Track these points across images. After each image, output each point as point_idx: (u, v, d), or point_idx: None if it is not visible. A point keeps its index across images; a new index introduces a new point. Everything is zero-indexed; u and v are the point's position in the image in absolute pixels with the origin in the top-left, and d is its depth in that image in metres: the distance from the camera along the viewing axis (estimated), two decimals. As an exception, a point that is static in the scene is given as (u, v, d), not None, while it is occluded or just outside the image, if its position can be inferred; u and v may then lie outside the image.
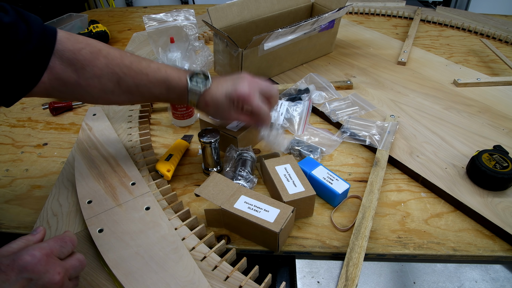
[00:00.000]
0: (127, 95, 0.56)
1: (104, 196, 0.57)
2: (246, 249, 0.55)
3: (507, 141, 0.74)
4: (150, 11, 1.57)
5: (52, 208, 0.58)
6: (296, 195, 0.56)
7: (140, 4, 2.90)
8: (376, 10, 1.46)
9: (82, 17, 1.30)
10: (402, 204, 0.62)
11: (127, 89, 0.55)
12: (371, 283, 0.51)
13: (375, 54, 1.10)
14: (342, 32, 1.22)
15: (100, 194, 0.57)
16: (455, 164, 0.68)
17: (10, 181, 0.68)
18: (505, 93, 0.91)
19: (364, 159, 0.71)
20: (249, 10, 0.93)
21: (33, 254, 0.37)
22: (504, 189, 0.62)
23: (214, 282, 0.46)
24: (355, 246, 0.52)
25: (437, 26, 1.37)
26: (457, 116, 0.82)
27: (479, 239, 0.56)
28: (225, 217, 0.55)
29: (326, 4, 1.04)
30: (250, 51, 0.83)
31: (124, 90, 0.55)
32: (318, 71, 1.00)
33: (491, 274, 0.52)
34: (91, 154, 0.66)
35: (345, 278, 0.48)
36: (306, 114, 0.80)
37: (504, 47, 1.19)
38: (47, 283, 0.36)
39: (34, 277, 0.36)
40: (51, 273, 0.37)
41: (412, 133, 0.76)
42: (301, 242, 0.55)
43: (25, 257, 0.36)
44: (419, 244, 0.55)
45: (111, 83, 0.54)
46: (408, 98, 0.88)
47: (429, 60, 1.07)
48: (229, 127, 0.69)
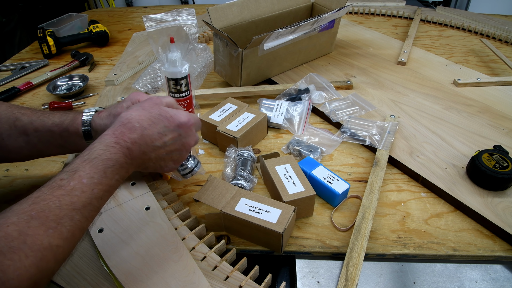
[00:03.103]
0: (23, 137, 0.53)
1: (104, 196, 0.57)
2: (246, 249, 0.55)
3: (507, 141, 0.74)
4: (150, 11, 1.57)
5: (52, 208, 0.58)
6: (296, 195, 0.56)
7: (140, 4, 2.90)
8: (376, 10, 1.46)
9: (82, 17, 1.30)
10: (402, 204, 0.62)
11: (23, 129, 0.53)
12: (371, 283, 0.51)
13: (375, 54, 1.10)
14: (342, 32, 1.22)
15: (100, 194, 0.57)
16: (455, 164, 0.68)
17: (10, 181, 0.67)
18: (505, 93, 0.91)
19: (364, 159, 0.71)
20: (249, 10, 0.93)
21: (188, 118, 0.50)
22: (504, 189, 0.62)
23: (214, 282, 0.46)
24: (355, 246, 0.52)
25: (437, 26, 1.37)
26: (457, 116, 0.82)
27: (479, 239, 0.56)
28: (226, 221, 0.55)
29: (326, 4, 1.04)
30: (250, 51, 0.83)
31: (20, 131, 0.53)
32: (318, 71, 1.00)
33: (491, 274, 0.52)
34: (91, 154, 0.66)
35: (345, 278, 0.48)
36: (306, 114, 0.80)
37: (504, 47, 1.19)
38: (185, 143, 0.51)
39: (183, 134, 0.50)
40: (191, 137, 0.51)
41: (412, 133, 0.76)
42: (301, 242, 0.55)
43: (182, 117, 0.49)
44: (419, 244, 0.55)
45: (7, 125, 0.52)
46: (408, 98, 0.88)
47: (429, 60, 1.07)
48: (229, 127, 0.69)
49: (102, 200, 0.41)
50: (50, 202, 0.37)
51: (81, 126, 0.54)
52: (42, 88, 0.98)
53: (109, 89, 0.95)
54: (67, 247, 0.37)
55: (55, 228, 0.35)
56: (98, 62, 1.13)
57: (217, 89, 0.89)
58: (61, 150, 0.56)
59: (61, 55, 1.18)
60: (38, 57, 1.17)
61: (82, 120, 0.54)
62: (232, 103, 0.77)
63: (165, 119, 0.48)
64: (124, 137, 0.44)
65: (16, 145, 0.53)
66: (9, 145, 0.53)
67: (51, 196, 0.37)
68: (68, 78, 1.00)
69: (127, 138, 0.44)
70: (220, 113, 0.74)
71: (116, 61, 1.09)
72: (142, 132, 0.46)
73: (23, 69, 1.07)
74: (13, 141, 0.53)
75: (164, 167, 0.51)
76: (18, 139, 0.53)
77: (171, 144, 0.49)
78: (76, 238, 0.38)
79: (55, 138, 0.54)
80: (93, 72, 1.08)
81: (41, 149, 0.55)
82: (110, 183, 0.41)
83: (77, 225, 0.37)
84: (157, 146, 0.47)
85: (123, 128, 0.45)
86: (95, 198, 0.39)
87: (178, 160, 0.52)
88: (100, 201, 0.41)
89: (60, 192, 0.37)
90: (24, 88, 0.96)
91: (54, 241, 0.35)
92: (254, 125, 0.71)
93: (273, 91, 0.88)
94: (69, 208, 0.37)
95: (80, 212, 0.38)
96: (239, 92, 0.87)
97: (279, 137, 0.78)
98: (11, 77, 1.03)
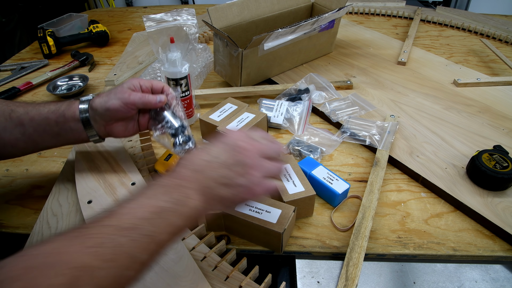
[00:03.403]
0: (19, 128, 0.53)
1: (104, 196, 0.57)
2: (246, 249, 0.55)
3: (507, 141, 0.74)
4: (150, 11, 1.57)
5: (52, 208, 0.58)
6: (296, 195, 0.56)
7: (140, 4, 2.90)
8: (376, 10, 1.46)
9: (82, 17, 1.30)
10: (402, 204, 0.62)
11: (18, 120, 0.53)
12: (371, 283, 0.51)
13: (375, 54, 1.10)
14: (342, 32, 1.22)
15: (100, 194, 0.57)
16: (455, 164, 0.68)
17: (10, 181, 0.67)
18: (505, 93, 0.91)
19: (364, 159, 0.71)
20: (249, 10, 0.93)
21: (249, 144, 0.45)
22: (504, 189, 0.62)
23: (214, 282, 0.46)
24: (355, 246, 0.52)
25: (437, 26, 1.37)
26: (457, 116, 0.82)
27: (479, 239, 0.56)
28: (226, 221, 0.55)
29: (326, 4, 1.04)
30: (250, 51, 0.83)
31: (16, 123, 0.53)
32: (318, 71, 1.00)
33: (491, 274, 0.52)
34: (91, 154, 0.66)
35: (345, 278, 0.48)
36: (306, 114, 0.80)
37: (504, 47, 1.19)
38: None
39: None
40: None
41: (412, 133, 0.76)
42: (301, 242, 0.55)
43: (240, 143, 0.44)
44: (419, 244, 0.55)
45: (3, 117, 0.52)
46: (408, 98, 0.88)
47: (429, 60, 1.07)
48: (229, 127, 0.69)
49: (152, 224, 0.36)
50: (93, 222, 0.35)
51: (79, 110, 0.54)
52: (42, 88, 0.98)
53: (109, 89, 0.95)
54: (110, 272, 0.32)
55: (96, 247, 0.32)
56: (98, 62, 1.13)
57: (217, 89, 0.89)
58: (56, 140, 0.56)
59: (61, 55, 1.18)
60: (38, 57, 1.17)
61: (79, 107, 0.55)
62: (232, 103, 0.77)
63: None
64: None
65: (11, 138, 0.53)
66: (4, 138, 0.53)
67: (95, 219, 0.35)
68: (68, 78, 1.00)
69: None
70: (220, 113, 0.74)
71: (116, 61, 1.09)
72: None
73: (23, 69, 1.07)
74: (9, 134, 0.53)
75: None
76: (13, 131, 0.53)
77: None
78: (120, 264, 0.33)
79: (51, 126, 0.54)
80: (93, 72, 1.08)
81: (36, 140, 0.55)
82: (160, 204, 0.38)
83: (122, 250, 0.33)
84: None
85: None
86: (143, 218, 0.36)
87: None
88: (151, 226, 0.36)
89: (104, 215, 0.35)
90: (24, 88, 0.96)
91: (93, 261, 0.32)
92: (254, 125, 0.71)
93: (273, 91, 0.88)
94: (113, 228, 0.34)
95: (126, 234, 0.34)
96: (239, 92, 0.87)
97: (279, 137, 0.78)
98: (11, 77, 1.03)
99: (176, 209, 0.38)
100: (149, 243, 0.35)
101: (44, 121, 0.54)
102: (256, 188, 0.43)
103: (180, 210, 0.38)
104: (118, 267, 0.33)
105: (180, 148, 0.57)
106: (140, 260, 0.35)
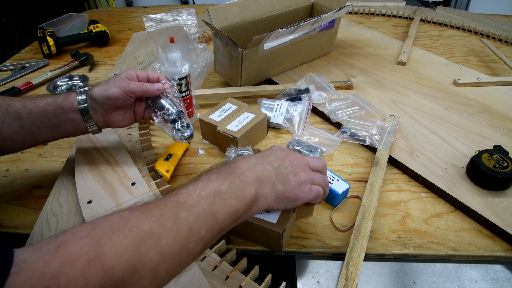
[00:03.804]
0: (16, 121, 0.53)
1: (104, 196, 0.57)
2: (246, 249, 0.55)
3: (507, 141, 0.74)
4: (150, 11, 1.57)
5: (52, 208, 0.58)
6: (296, 195, 0.56)
7: (140, 4, 2.90)
8: (376, 10, 1.46)
9: (82, 17, 1.30)
10: (402, 204, 0.62)
11: (16, 113, 0.53)
12: (371, 283, 0.51)
13: (375, 54, 1.10)
14: (342, 32, 1.22)
15: (100, 194, 0.57)
16: (455, 164, 0.68)
17: (10, 181, 0.68)
18: (505, 93, 0.91)
19: (364, 159, 0.71)
20: (249, 10, 0.93)
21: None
22: (504, 189, 0.62)
23: (214, 282, 0.46)
24: (355, 246, 0.52)
25: (437, 26, 1.37)
26: (457, 116, 0.82)
27: (479, 239, 0.56)
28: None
29: (326, 4, 1.04)
30: (250, 51, 0.83)
31: (14, 116, 0.53)
32: (318, 71, 1.00)
33: (491, 274, 0.52)
34: (91, 154, 0.66)
35: (345, 278, 0.48)
36: (306, 114, 0.80)
37: (504, 47, 1.19)
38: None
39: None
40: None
41: (412, 133, 0.76)
42: (301, 242, 0.55)
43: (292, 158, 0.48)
44: (419, 244, 0.55)
45: (0, 112, 0.53)
46: (408, 98, 0.88)
47: (429, 60, 1.07)
48: (229, 127, 0.69)
49: (211, 202, 0.39)
50: (152, 201, 0.38)
51: (77, 101, 0.55)
52: (42, 88, 0.98)
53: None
54: (171, 240, 0.34)
55: (158, 217, 0.35)
56: (98, 62, 1.13)
57: (217, 89, 0.89)
58: (54, 132, 0.56)
59: (61, 55, 1.18)
60: (38, 57, 1.17)
61: (77, 98, 0.55)
62: (232, 103, 0.77)
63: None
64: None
65: (10, 132, 0.53)
66: (2, 132, 0.53)
67: (158, 199, 0.38)
68: (68, 78, 1.00)
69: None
70: (220, 113, 0.74)
71: (116, 61, 1.10)
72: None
73: (23, 69, 1.07)
74: (7, 128, 0.53)
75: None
76: (11, 125, 0.53)
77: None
78: (181, 234, 0.35)
79: (49, 118, 0.54)
80: (93, 72, 1.08)
81: (34, 132, 0.55)
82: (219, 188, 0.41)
83: (182, 221, 0.36)
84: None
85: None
86: (203, 197, 0.39)
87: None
88: (210, 204, 0.39)
89: (168, 197, 0.39)
90: (24, 88, 0.96)
91: (156, 228, 0.34)
92: (254, 125, 0.71)
93: (273, 91, 0.88)
94: (173, 204, 0.37)
95: (186, 209, 0.37)
96: (239, 92, 0.87)
97: (279, 137, 0.78)
98: (11, 77, 1.03)
99: (236, 193, 0.41)
100: (207, 220, 0.37)
101: (42, 113, 0.54)
102: (305, 188, 0.47)
103: (239, 194, 0.41)
104: (179, 236, 0.35)
105: (180, 134, 0.59)
106: (199, 234, 0.37)
